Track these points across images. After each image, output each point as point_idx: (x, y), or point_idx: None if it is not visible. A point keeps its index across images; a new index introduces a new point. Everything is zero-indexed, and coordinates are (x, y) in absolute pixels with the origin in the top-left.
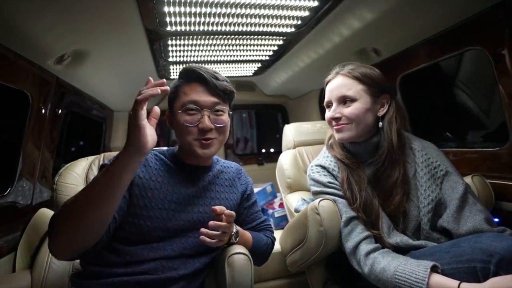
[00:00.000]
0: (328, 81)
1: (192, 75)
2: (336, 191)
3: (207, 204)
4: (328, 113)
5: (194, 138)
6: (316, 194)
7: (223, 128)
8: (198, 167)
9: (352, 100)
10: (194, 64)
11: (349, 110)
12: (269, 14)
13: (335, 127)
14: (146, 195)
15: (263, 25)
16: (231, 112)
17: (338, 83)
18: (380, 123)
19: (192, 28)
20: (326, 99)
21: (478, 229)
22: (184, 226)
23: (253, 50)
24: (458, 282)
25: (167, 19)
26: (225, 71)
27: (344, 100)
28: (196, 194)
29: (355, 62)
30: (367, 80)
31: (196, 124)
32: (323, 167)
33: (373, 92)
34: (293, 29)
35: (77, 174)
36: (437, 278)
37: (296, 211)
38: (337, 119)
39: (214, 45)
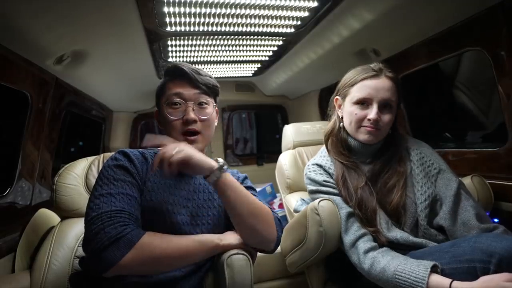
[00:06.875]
0: (369, 77)
1: (175, 72)
2: (331, 190)
3: (200, 207)
4: (363, 111)
5: (179, 133)
6: (312, 193)
7: (207, 121)
8: None
9: (392, 107)
10: (178, 62)
11: (388, 118)
12: (268, 15)
13: (368, 128)
14: (150, 198)
15: (263, 26)
16: (215, 105)
17: (385, 85)
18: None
19: (192, 28)
20: (363, 95)
21: (467, 225)
22: (180, 228)
23: (253, 51)
24: (450, 280)
25: (167, 20)
26: (225, 72)
27: (385, 105)
28: (188, 196)
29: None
30: (400, 89)
31: (181, 117)
32: (319, 166)
33: (398, 101)
34: (292, 30)
35: (77, 175)
36: (435, 277)
37: (296, 211)
38: (376, 122)
39: (214, 46)
